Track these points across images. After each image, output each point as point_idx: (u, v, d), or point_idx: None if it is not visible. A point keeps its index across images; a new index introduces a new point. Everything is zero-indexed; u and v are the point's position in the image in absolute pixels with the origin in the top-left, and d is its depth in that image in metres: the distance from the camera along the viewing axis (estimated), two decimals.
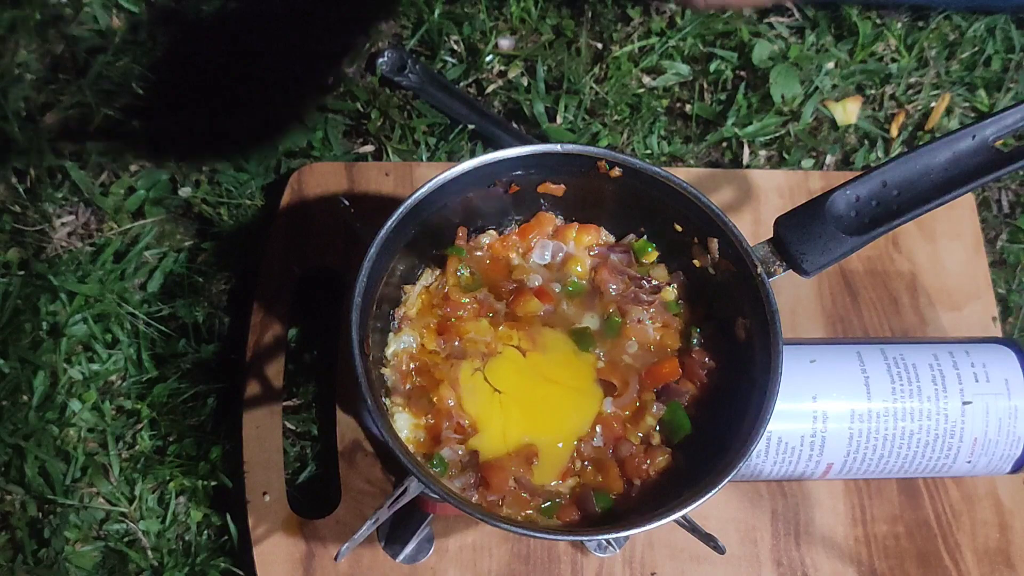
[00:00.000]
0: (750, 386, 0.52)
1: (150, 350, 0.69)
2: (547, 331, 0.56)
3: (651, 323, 0.57)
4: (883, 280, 0.72)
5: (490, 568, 0.62)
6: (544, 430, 0.54)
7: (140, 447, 0.66)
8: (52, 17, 0.77)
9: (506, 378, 0.54)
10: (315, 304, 0.69)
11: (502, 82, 0.78)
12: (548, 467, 0.53)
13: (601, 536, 0.58)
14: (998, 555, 0.65)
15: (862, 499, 0.66)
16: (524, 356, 0.55)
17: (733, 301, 0.55)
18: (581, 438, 0.54)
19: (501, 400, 0.54)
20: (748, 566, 0.64)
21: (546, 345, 0.56)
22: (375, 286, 0.53)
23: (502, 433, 0.53)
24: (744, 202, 0.73)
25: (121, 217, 0.72)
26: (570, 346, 0.56)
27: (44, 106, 0.74)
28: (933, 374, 0.61)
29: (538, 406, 0.54)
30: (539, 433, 0.54)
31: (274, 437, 0.64)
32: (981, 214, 0.76)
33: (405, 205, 0.54)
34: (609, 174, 0.56)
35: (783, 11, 0.82)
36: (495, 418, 0.53)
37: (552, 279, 0.58)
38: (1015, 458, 0.62)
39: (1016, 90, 0.82)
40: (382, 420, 0.49)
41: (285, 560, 0.61)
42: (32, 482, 0.64)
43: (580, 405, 0.55)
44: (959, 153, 0.54)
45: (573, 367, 0.56)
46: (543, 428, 0.54)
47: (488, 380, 0.54)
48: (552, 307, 0.57)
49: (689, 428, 0.54)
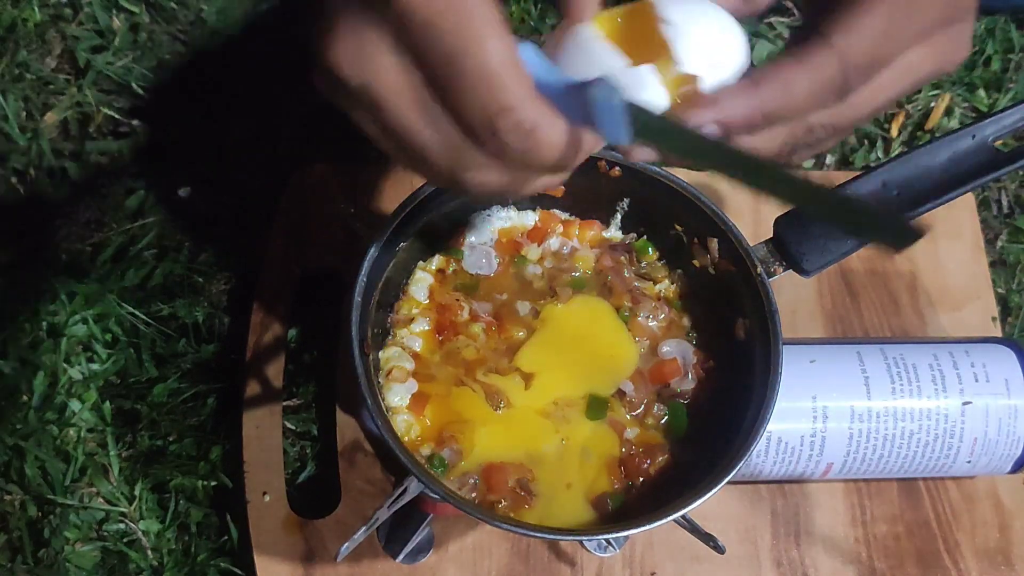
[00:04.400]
0: (750, 386, 0.52)
1: (150, 350, 0.69)
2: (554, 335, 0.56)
3: (655, 323, 0.57)
4: (883, 280, 0.72)
5: (490, 568, 0.62)
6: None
7: (140, 447, 0.66)
8: (52, 17, 0.77)
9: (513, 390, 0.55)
10: (315, 304, 0.69)
11: None
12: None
13: (601, 536, 0.58)
14: (998, 555, 0.65)
15: (862, 499, 0.66)
16: (528, 384, 0.55)
17: (733, 301, 0.55)
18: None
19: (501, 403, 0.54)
20: (748, 566, 0.63)
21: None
22: (375, 286, 0.53)
23: (503, 436, 0.53)
24: (744, 202, 0.73)
25: (121, 217, 0.72)
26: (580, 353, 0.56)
27: (44, 106, 0.74)
28: (933, 374, 0.61)
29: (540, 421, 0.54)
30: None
31: (274, 437, 0.64)
32: (981, 214, 0.76)
33: (405, 206, 0.54)
34: (609, 174, 0.56)
35: (783, 11, 0.82)
36: (495, 420, 0.53)
37: (557, 272, 0.58)
38: (1015, 458, 0.62)
39: (1016, 90, 0.82)
40: (382, 420, 0.49)
41: (285, 560, 0.61)
42: (32, 482, 0.64)
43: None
44: (959, 153, 0.54)
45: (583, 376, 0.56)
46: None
47: (488, 381, 0.54)
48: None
49: (688, 428, 0.54)
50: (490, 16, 0.31)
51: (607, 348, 0.56)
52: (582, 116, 0.33)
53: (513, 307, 0.57)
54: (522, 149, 0.33)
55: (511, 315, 0.56)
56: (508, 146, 0.32)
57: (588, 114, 0.33)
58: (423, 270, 0.58)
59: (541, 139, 0.32)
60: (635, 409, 0.55)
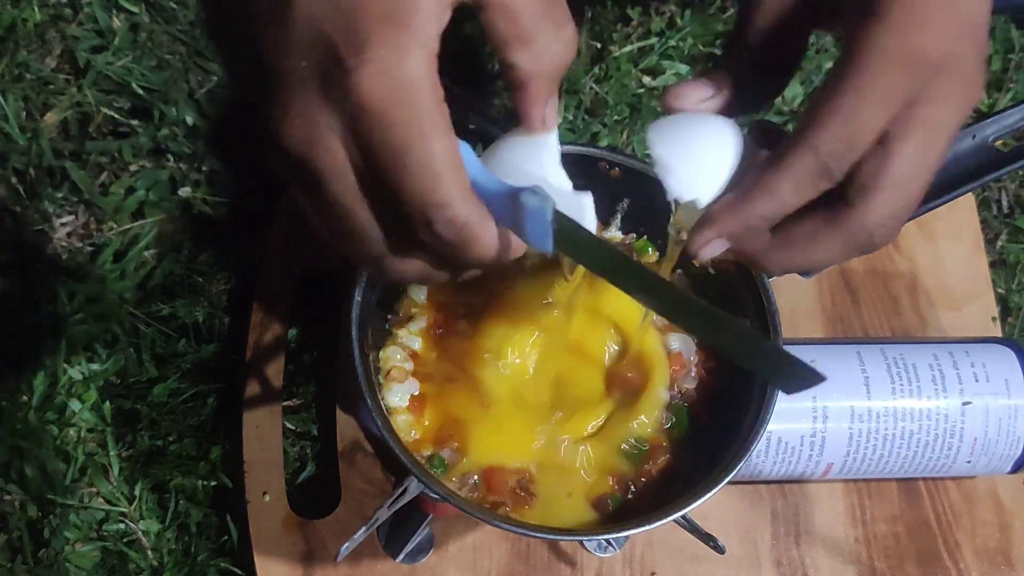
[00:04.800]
0: (750, 386, 0.52)
1: (150, 350, 0.69)
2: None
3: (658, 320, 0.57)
4: (883, 280, 0.72)
5: (490, 568, 0.62)
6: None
7: (140, 447, 0.66)
8: (52, 17, 0.77)
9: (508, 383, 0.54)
10: (315, 304, 0.69)
11: (502, 82, 0.78)
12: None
13: (601, 536, 0.58)
14: (998, 555, 0.65)
15: (862, 499, 0.66)
16: (529, 372, 0.55)
17: (733, 301, 0.55)
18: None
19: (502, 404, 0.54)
20: (748, 566, 0.63)
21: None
22: (375, 286, 0.53)
23: (502, 437, 0.53)
24: None
25: (121, 217, 0.72)
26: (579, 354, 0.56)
27: (44, 106, 0.74)
28: (933, 374, 0.61)
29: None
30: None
31: (274, 437, 0.64)
32: (981, 214, 0.76)
33: None
34: (609, 174, 0.56)
35: None
36: (494, 421, 0.53)
37: None
38: (1015, 458, 0.62)
39: (1016, 90, 0.82)
40: (382, 420, 0.49)
41: (285, 560, 0.61)
42: (32, 482, 0.64)
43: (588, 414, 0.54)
44: (959, 153, 0.54)
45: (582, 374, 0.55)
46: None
47: (488, 385, 0.54)
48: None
49: (688, 428, 0.54)
50: (439, 116, 0.33)
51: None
52: (512, 220, 0.35)
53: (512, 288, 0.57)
54: (452, 243, 0.35)
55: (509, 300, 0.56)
56: (440, 238, 0.34)
57: (518, 219, 0.35)
58: None
59: (471, 236, 0.35)
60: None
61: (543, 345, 0.55)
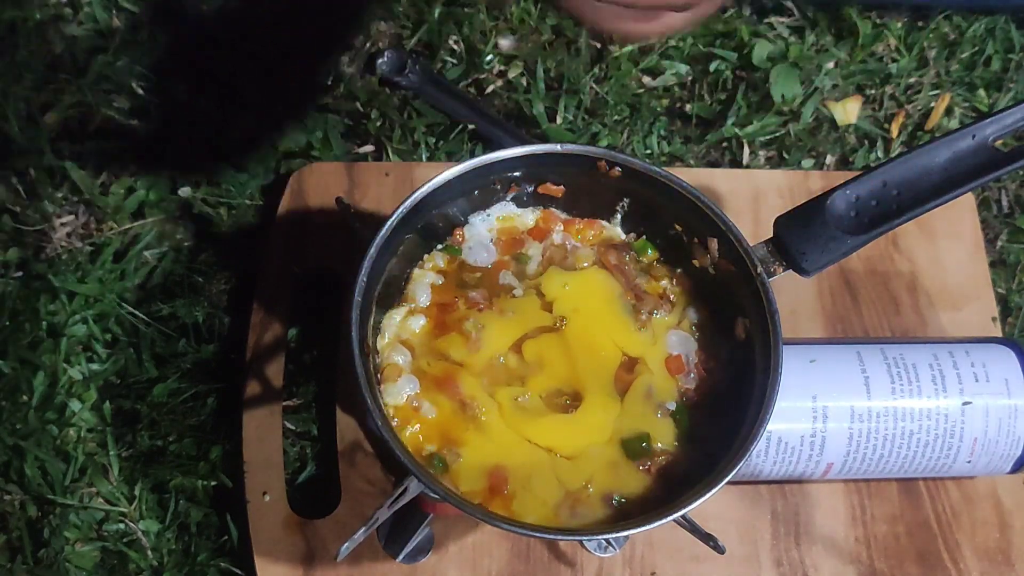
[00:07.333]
0: (750, 386, 0.52)
1: (150, 350, 0.69)
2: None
3: (660, 314, 0.57)
4: (883, 280, 0.72)
5: (490, 568, 0.62)
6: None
7: (140, 447, 0.66)
8: (52, 17, 0.77)
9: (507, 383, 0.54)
10: (315, 304, 0.69)
11: (502, 82, 0.78)
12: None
13: (601, 536, 0.58)
14: (998, 555, 0.65)
15: (862, 499, 0.66)
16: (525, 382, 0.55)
17: (733, 301, 0.55)
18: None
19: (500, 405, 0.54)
20: (748, 566, 0.63)
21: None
22: (375, 286, 0.53)
23: (502, 437, 0.53)
24: (744, 202, 0.73)
25: (121, 217, 0.72)
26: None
27: (44, 106, 0.74)
28: (933, 374, 0.61)
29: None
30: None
31: (274, 437, 0.64)
32: (981, 214, 0.76)
33: (404, 205, 0.54)
34: (609, 174, 0.56)
35: (783, 11, 0.82)
36: (494, 421, 0.53)
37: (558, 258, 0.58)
38: (1015, 458, 0.62)
39: (1016, 90, 0.82)
40: (382, 420, 0.49)
41: (285, 560, 0.61)
42: (32, 482, 0.64)
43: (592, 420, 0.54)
44: (959, 153, 0.54)
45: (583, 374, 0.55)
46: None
47: (489, 385, 0.54)
48: None
49: (688, 428, 0.54)
50: None
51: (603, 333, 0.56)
52: None
53: (509, 288, 0.57)
54: None
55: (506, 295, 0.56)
56: None
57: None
58: (423, 268, 0.58)
59: None
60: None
61: (543, 346, 0.55)
